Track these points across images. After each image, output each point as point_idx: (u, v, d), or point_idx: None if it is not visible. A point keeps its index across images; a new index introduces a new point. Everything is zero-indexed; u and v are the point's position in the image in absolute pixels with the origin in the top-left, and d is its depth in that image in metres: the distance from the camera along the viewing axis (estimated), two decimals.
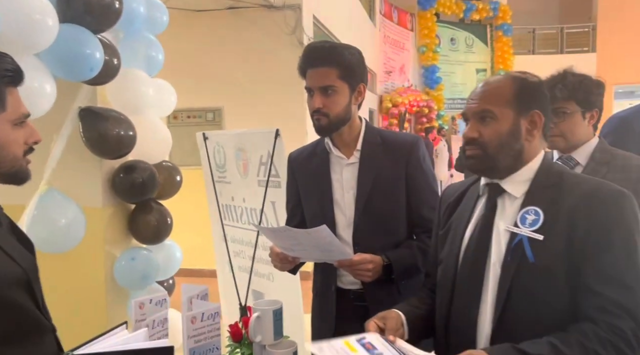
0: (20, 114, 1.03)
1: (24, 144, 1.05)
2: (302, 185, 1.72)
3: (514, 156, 1.15)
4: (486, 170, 1.19)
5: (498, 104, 1.14)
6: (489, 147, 1.14)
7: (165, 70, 2.57)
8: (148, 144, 2.36)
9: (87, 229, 2.11)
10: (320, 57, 1.49)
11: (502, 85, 1.16)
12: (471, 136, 1.16)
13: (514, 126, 1.14)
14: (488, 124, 1.15)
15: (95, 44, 1.78)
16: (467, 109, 1.19)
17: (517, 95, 1.14)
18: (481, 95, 1.17)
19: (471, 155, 1.17)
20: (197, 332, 1.39)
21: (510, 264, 1.08)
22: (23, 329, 1.02)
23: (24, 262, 1.04)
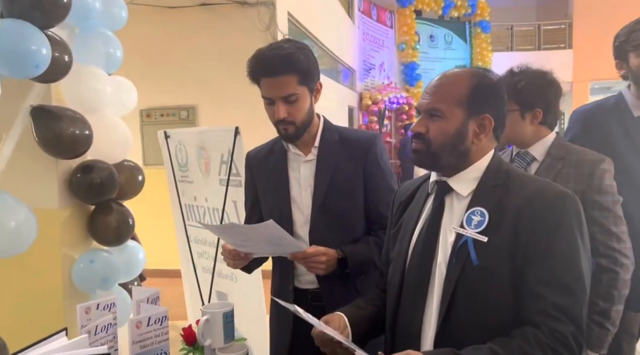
0: None
1: None
2: (260, 183, 1.69)
3: (457, 156, 1.13)
4: (427, 166, 1.18)
5: (449, 103, 1.11)
6: (432, 144, 1.12)
7: (137, 68, 2.52)
8: (107, 143, 2.29)
9: (42, 231, 2.04)
10: (277, 66, 1.44)
11: (458, 81, 1.13)
12: (417, 130, 1.14)
13: (462, 128, 1.12)
14: (435, 121, 1.12)
15: (41, 39, 1.72)
16: (419, 103, 1.17)
17: (471, 96, 1.11)
18: (434, 91, 1.14)
19: (415, 148, 1.16)
20: (142, 337, 1.35)
21: (454, 265, 1.07)
22: None
23: None
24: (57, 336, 1.21)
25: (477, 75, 1.15)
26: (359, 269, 1.53)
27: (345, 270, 1.51)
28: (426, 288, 1.12)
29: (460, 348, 1.00)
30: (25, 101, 2.00)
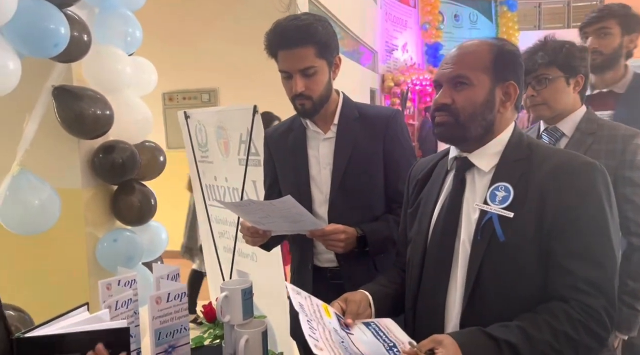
0: None
1: None
2: (279, 162, 1.67)
3: (485, 127, 1.09)
4: (455, 140, 1.13)
5: (475, 69, 1.07)
6: (461, 114, 1.08)
7: (158, 51, 2.52)
8: (127, 124, 2.31)
9: (66, 211, 2.08)
10: (295, 37, 1.40)
11: (480, 49, 1.09)
12: (443, 102, 1.09)
13: (490, 95, 1.07)
14: (462, 90, 1.08)
15: (59, 18, 1.72)
16: (439, 74, 1.12)
17: (495, 62, 1.07)
18: (457, 59, 1.09)
19: (441, 122, 1.11)
20: (162, 313, 1.36)
21: (480, 242, 1.03)
22: None
23: None
24: (78, 310, 1.23)
25: (496, 43, 1.11)
26: (378, 247, 1.50)
27: (365, 248, 1.48)
28: (449, 267, 1.09)
29: (486, 325, 0.98)
30: (47, 81, 2.02)
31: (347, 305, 1.15)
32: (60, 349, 1.07)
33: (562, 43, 1.58)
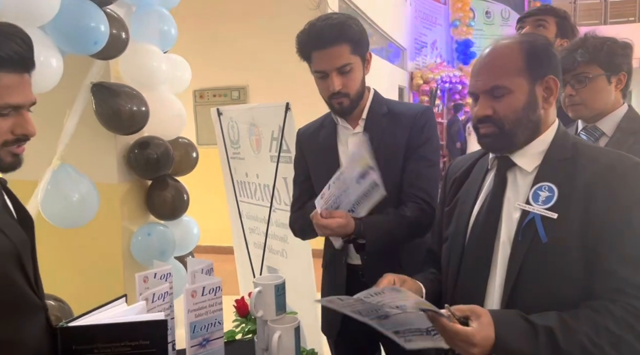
0: (4, 103, 0.97)
1: (9, 134, 0.99)
2: (310, 158, 1.68)
3: (533, 128, 1.06)
4: (503, 149, 1.10)
5: (509, 75, 1.04)
6: (505, 123, 1.05)
7: (190, 49, 2.55)
8: (162, 120, 2.35)
9: (103, 205, 2.14)
10: (330, 36, 1.40)
11: (509, 51, 1.06)
12: (484, 114, 1.06)
13: (530, 96, 1.04)
14: (502, 99, 1.04)
15: (100, 16, 1.76)
16: (473, 86, 1.09)
17: (528, 60, 1.04)
18: (488, 68, 1.06)
19: (486, 133, 1.08)
20: (197, 306, 1.38)
21: (521, 243, 1.01)
22: (11, 305, 1.00)
23: (15, 237, 1.03)
24: (117, 302, 1.25)
25: (525, 39, 1.08)
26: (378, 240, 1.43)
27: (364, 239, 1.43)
28: (488, 267, 1.07)
29: None
30: (86, 78, 2.07)
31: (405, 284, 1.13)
32: (101, 338, 1.09)
33: (603, 40, 1.53)
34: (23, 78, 1.00)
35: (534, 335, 0.92)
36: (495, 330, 0.92)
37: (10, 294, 1.00)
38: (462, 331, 0.92)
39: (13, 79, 0.98)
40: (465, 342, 0.92)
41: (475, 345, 0.92)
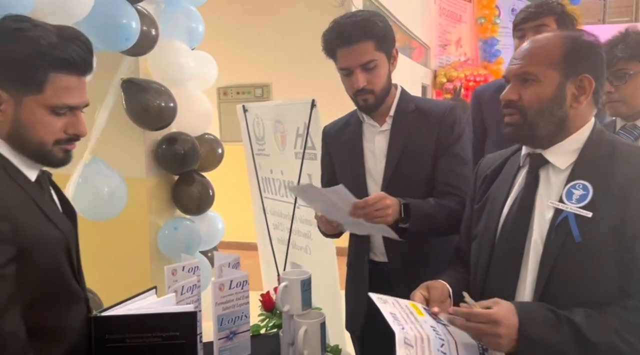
0: (62, 103, 1.00)
1: (62, 133, 1.03)
2: (336, 156, 1.69)
3: (556, 124, 1.04)
4: (524, 139, 1.10)
5: (542, 65, 1.03)
6: (528, 111, 1.04)
7: (215, 46, 2.58)
8: (189, 116, 2.38)
9: (131, 199, 2.17)
10: (354, 33, 1.41)
11: (551, 43, 1.05)
12: (509, 98, 1.07)
13: (559, 91, 1.03)
14: (529, 86, 1.04)
15: (131, 13, 1.80)
16: (508, 69, 1.10)
17: (566, 56, 1.03)
18: (525, 55, 1.06)
19: (509, 122, 1.08)
20: (225, 299, 1.40)
21: (553, 242, 1.00)
22: (57, 295, 1.04)
23: (64, 228, 1.06)
24: (147, 293, 1.28)
25: (571, 34, 1.06)
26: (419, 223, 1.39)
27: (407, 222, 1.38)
28: (518, 267, 1.06)
29: None
30: (116, 74, 2.11)
31: (430, 293, 1.13)
32: (133, 328, 1.12)
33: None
34: (80, 80, 1.04)
35: (557, 324, 0.92)
36: (518, 316, 0.92)
37: (58, 283, 1.04)
38: (484, 312, 0.92)
39: (72, 80, 1.01)
40: (489, 323, 0.92)
41: (500, 323, 0.91)
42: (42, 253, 0.99)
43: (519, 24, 1.88)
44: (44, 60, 0.97)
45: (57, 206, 1.11)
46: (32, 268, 0.97)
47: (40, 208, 1.01)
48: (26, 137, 1.00)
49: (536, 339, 0.92)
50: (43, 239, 0.99)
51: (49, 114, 1.00)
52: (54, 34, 0.99)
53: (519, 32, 1.89)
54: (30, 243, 0.95)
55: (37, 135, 1.01)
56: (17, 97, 0.98)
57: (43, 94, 0.99)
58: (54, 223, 1.03)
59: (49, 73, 0.98)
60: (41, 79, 0.98)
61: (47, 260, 1.00)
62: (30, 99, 0.98)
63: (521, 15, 1.88)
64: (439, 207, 1.43)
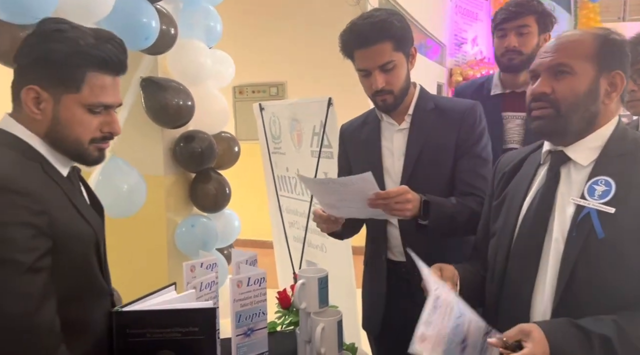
0: (98, 102, 1.03)
1: (98, 131, 1.06)
2: (353, 155, 1.68)
3: (588, 119, 1.03)
4: (555, 134, 1.07)
5: (577, 58, 1.02)
6: (562, 104, 1.03)
7: (230, 45, 2.59)
8: (207, 115, 2.40)
9: (149, 196, 2.20)
10: (372, 34, 1.40)
11: (583, 38, 1.04)
12: (542, 91, 1.04)
13: (593, 85, 1.02)
14: (563, 79, 1.03)
15: (151, 12, 1.81)
16: (537, 64, 1.07)
17: (600, 51, 1.02)
18: (558, 48, 1.05)
19: (539, 115, 1.06)
20: (243, 296, 1.41)
21: (575, 239, 0.98)
22: (85, 289, 1.06)
23: (94, 223, 1.09)
24: (167, 289, 1.29)
25: (600, 32, 1.05)
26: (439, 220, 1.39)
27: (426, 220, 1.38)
28: (537, 264, 1.05)
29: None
30: (136, 72, 2.14)
31: (443, 272, 1.14)
32: (153, 323, 1.13)
33: None
34: (115, 80, 1.07)
35: (588, 346, 0.90)
36: (549, 343, 0.90)
37: (86, 277, 1.07)
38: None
39: (107, 80, 1.04)
40: None
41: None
42: (74, 248, 1.01)
43: (500, 24, 1.88)
44: (82, 60, 1.00)
45: (86, 201, 1.14)
46: (65, 262, 0.99)
47: (72, 203, 1.03)
48: (64, 135, 1.03)
49: None
50: (76, 233, 1.02)
51: (86, 113, 1.03)
52: (90, 35, 1.02)
53: (500, 32, 1.89)
54: (64, 237, 0.98)
55: (75, 133, 1.04)
56: (56, 96, 1.01)
57: (81, 93, 1.02)
58: (85, 218, 1.05)
59: (86, 72, 1.01)
60: (80, 78, 1.01)
61: (78, 255, 1.03)
62: (69, 97, 1.01)
63: (502, 14, 1.87)
64: (460, 207, 1.42)
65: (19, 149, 1.00)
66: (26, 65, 1.01)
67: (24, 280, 0.91)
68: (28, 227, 0.92)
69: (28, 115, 1.01)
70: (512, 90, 1.93)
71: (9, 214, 0.90)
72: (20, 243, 0.91)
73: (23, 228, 0.91)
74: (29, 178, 0.96)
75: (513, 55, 1.86)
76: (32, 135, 1.02)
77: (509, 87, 1.94)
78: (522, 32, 1.85)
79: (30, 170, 0.98)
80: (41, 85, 1.00)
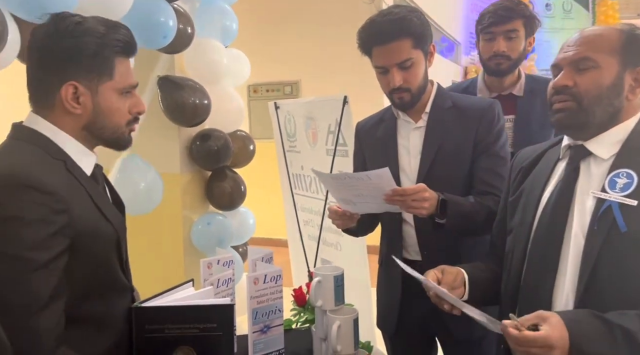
0: (128, 84, 1.07)
1: (128, 113, 1.09)
2: (369, 153, 1.68)
3: (611, 114, 1.02)
4: (575, 127, 1.06)
5: (602, 51, 1.01)
6: (584, 97, 1.02)
7: (244, 44, 2.60)
8: (222, 113, 2.41)
9: (166, 194, 2.22)
10: (390, 31, 1.39)
11: (607, 33, 1.03)
12: (564, 83, 1.03)
13: (618, 80, 1.01)
14: (586, 72, 1.02)
15: (168, 11, 1.83)
16: (560, 58, 1.06)
17: (625, 46, 1.01)
18: (582, 41, 1.04)
19: (561, 107, 1.05)
20: (259, 293, 1.41)
21: (597, 233, 0.97)
22: (106, 286, 1.08)
23: (116, 222, 1.10)
24: (185, 286, 1.30)
25: (624, 28, 1.04)
26: (456, 218, 1.38)
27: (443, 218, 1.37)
28: (557, 259, 1.03)
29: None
30: (153, 71, 2.16)
31: (444, 276, 1.14)
32: (172, 319, 1.14)
33: None
34: (130, 62, 1.10)
35: (610, 334, 0.88)
36: (569, 333, 0.88)
37: (107, 275, 1.08)
38: (536, 336, 0.88)
39: (128, 63, 1.08)
40: (542, 347, 0.88)
41: (554, 346, 0.87)
42: (95, 246, 1.02)
43: (487, 27, 1.86)
44: (111, 47, 1.03)
45: (109, 199, 1.15)
46: (86, 260, 1.00)
47: (94, 202, 1.04)
48: (104, 123, 1.06)
49: (588, 353, 0.89)
50: (97, 232, 1.03)
51: (119, 98, 1.07)
52: (100, 23, 1.05)
53: (487, 35, 1.87)
54: (84, 236, 0.99)
55: (115, 119, 1.07)
56: (93, 88, 1.03)
57: (114, 79, 1.05)
58: (107, 217, 1.06)
59: (114, 59, 1.04)
60: (111, 66, 1.04)
61: (99, 253, 1.04)
62: (105, 86, 1.04)
63: (490, 18, 1.85)
64: (478, 206, 1.41)
65: (44, 147, 1.01)
66: (57, 63, 1.01)
67: (35, 278, 0.91)
68: (47, 225, 0.93)
69: (63, 112, 1.02)
70: (498, 93, 1.93)
71: (29, 211, 0.91)
72: (36, 241, 0.91)
73: (41, 226, 0.92)
74: (52, 176, 0.97)
75: (501, 60, 1.85)
76: (59, 132, 1.03)
77: (495, 91, 1.93)
78: (511, 37, 1.83)
79: (53, 169, 0.99)
80: (78, 79, 1.01)
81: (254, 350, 1.38)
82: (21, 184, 0.92)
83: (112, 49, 1.03)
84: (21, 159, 0.97)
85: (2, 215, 0.89)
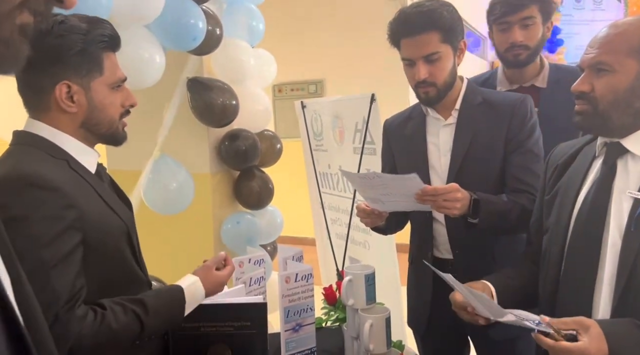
0: (117, 78, 1.09)
1: (121, 107, 1.11)
2: (397, 150, 1.66)
3: (634, 115, 1.00)
4: (594, 129, 1.06)
5: (619, 53, 0.99)
6: (600, 103, 1.01)
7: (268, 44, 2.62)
8: (250, 113, 2.43)
9: (196, 194, 2.26)
10: (419, 23, 1.38)
11: (630, 29, 1.00)
12: (580, 89, 1.03)
13: (637, 81, 0.98)
14: (602, 77, 1.00)
15: (198, 13, 1.86)
16: (582, 59, 1.05)
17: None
18: (601, 43, 1.02)
19: (578, 110, 1.05)
20: (291, 292, 1.42)
21: (634, 234, 0.95)
22: (121, 280, 1.09)
23: (124, 216, 1.12)
24: None
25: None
26: (489, 218, 1.36)
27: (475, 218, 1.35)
28: (596, 259, 1.01)
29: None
30: (182, 73, 2.19)
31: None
32: (207, 317, 1.16)
33: None
34: (116, 57, 1.11)
35: None
36: (607, 343, 0.87)
37: (122, 268, 1.09)
38: (574, 348, 0.87)
39: (114, 57, 1.10)
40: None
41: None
42: (106, 240, 1.04)
43: (501, 17, 1.75)
44: (97, 43, 1.04)
45: (115, 196, 1.17)
46: (97, 253, 1.01)
47: (101, 197, 1.06)
48: (100, 119, 1.08)
49: None
50: (106, 226, 1.04)
51: (111, 92, 1.09)
52: (82, 20, 1.05)
53: (502, 26, 1.76)
54: (94, 229, 1.00)
55: (109, 113, 1.09)
56: (85, 85, 1.05)
57: (104, 75, 1.07)
58: (115, 211, 1.08)
59: (102, 54, 1.06)
60: (100, 62, 1.06)
61: (110, 246, 1.05)
62: (96, 82, 1.06)
63: (503, 7, 1.74)
64: (512, 204, 1.39)
65: (45, 149, 1.02)
66: (46, 64, 1.01)
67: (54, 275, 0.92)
68: (57, 221, 0.93)
69: (59, 112, 1.03)
70: (519, 85, 1.83)
71: (36, 210, 0.92)
72: (47, 239, 0.92)
73: (50, 222, 0.93)
74: (56, 174, 0.98)
75: (519, 50, 1.74)
76: (58, 132, 1.04)
77: (516, 82, 1.84)
78: (527, 24, 1.72)
79: (57, 168, 1.00)
80: (69, 78, 1.02)
81: (287, 349, 1.39)
82: (25, 183, 0.93)
83: (98, 45, 1.04)
84: (23, 160, 0.98)
85: (10, 216, 0.89)
